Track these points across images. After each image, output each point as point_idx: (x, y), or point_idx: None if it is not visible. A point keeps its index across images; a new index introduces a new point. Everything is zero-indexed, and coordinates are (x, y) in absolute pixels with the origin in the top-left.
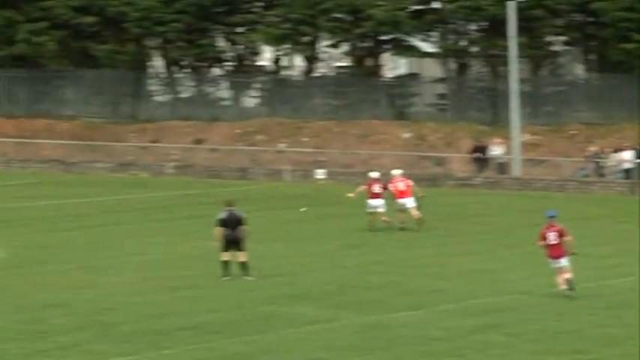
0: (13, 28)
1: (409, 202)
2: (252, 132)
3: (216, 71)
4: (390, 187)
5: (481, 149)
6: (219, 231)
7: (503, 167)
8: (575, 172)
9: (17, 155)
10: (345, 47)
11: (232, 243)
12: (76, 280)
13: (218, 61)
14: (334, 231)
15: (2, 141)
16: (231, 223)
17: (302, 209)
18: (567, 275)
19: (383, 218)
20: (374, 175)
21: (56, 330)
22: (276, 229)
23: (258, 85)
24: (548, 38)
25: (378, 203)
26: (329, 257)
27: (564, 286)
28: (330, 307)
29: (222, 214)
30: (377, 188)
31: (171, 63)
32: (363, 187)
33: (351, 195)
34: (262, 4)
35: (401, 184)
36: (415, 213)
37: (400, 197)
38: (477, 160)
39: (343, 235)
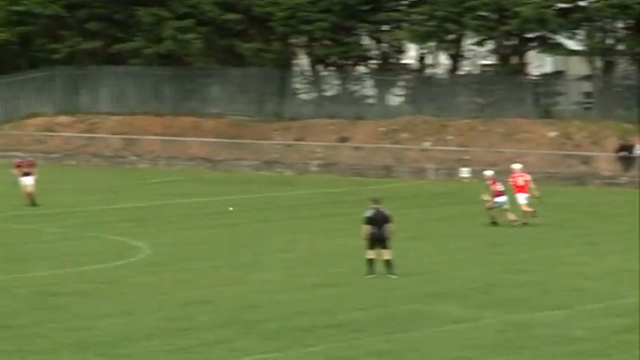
0: (159, 25)
1: (522, 198)
2: (397, 130)
3: (361, 69)
4: (510, 181)
5: (627, 148)
6: (365, 229)
7: None
8: None
9: (164, 153)
10: (490, 45)
11: (378, 241)
12: (220, 278)
13: (363, 59)
14: (478, 229)
15: (149, 139)
16: (378, 221)
17: (230, 208)
18: None
19: (509, 215)
20: (490, 173)
21: (200, 327)
22: (420, 227)
23: (403, 83)
24: None
25: (503, 200)
26: (472, 255)
27: None
28: (473, 306)
29: (369, 212)
30: (499, 186)
31: (317, 61)
32: (491, 189)
33: (487, 198)
34: (407, 1)
35: (520, 179)
36: (527, 209)
37: (518, 192)
38: (623, 158)
39: (486, 234)
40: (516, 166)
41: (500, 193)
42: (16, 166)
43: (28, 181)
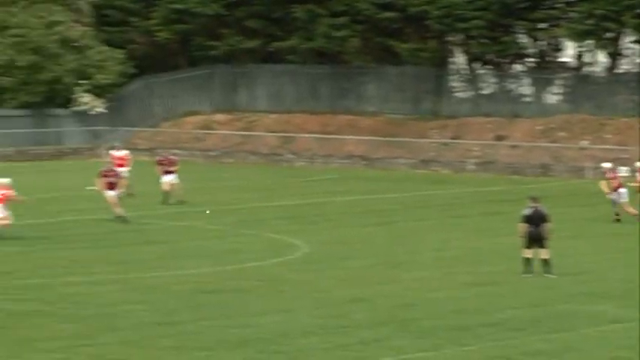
0: (314, 22)
1: None
2: (554, 129)
3: (517, 67)
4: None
5: None
6: (522, 227)
7: None
8: None
9: (320, 151)
10: None
11: (535, 240)
12: (377, 276)
13: (520, 57)
14: (635, 228)
15: (306, 137)
16: (536, 219)
17: (207, 212)
18: None
19: (629, 209)
20: (609, 166)
21: (357, 325)
22: (578, 226)
23: (560, 82)
24: None
25: (623, 192)
26: (630, 255)
27: None
28: (631, 306)
29: (527, 211)
30: (619, 179)
31: (473, 59)
32: (611, 182)
33: (606, 190)
34: None
35: None
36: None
37: None
38: None
39: None
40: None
41: (619, 186)
42: (158, 163)
43: (168, 179)
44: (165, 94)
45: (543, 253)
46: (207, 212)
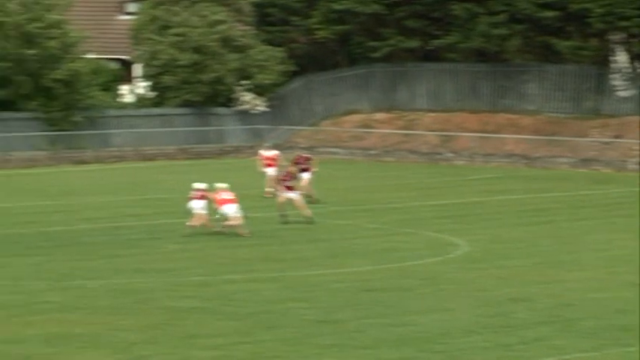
0: (472, 21)
1: None
2: None
3: None
4: None
5: None
6: None
7: None
8: None
9: (481, 150)
10: None
11: None
12: (539, 275)
13: None
14: None
15: (466, 135)
16: None
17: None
18: None
19: None
20: None
21: (519, 324)
22: None
23: None
24: None
25: None
26: None
27: None
28: None
29: None
30: None
31: (635, 58)
32: None
33: None
34: None
35: None
36: None
37: None
38: None
39: None
40: None
41: None
42: (294, 163)
43: (305, 177)
44: (325, 92)
45: None
46: (217, 216)
